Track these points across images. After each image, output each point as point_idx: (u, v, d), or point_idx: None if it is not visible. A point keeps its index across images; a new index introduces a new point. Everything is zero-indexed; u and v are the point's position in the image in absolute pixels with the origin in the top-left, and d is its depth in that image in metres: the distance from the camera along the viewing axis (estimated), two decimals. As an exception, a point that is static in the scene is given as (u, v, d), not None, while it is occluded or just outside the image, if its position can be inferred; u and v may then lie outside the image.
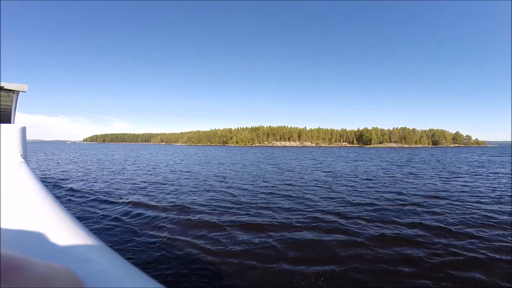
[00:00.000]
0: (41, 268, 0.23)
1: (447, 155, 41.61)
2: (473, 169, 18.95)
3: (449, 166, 21.46)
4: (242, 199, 8.25)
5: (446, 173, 16.02)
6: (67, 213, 0.53)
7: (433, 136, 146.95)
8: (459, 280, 3.69)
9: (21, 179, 0.77)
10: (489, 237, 5.16)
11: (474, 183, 12.09)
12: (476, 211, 6.94)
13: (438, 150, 79.08)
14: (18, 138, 1.21)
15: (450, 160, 28.94)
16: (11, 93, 6.03)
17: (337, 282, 3.65)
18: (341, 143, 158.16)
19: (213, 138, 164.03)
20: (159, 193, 9.19)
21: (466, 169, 18.56)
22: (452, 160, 29.89)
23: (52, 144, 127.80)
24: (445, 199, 8.43)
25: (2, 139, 1.17)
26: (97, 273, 0.32)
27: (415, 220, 6.14)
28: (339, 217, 6.42)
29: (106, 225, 5.80)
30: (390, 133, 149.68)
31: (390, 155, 41.16)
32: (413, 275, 3.81)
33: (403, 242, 4.89)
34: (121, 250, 4.44)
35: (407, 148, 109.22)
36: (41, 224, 0.45)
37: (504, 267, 4.01)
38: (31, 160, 20.75)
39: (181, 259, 4.21)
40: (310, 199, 8.31)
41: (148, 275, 0.33)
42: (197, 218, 6.22)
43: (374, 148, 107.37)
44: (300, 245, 4.77)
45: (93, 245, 0.39)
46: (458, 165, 22.01)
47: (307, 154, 43.90)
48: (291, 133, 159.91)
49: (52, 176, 13.72)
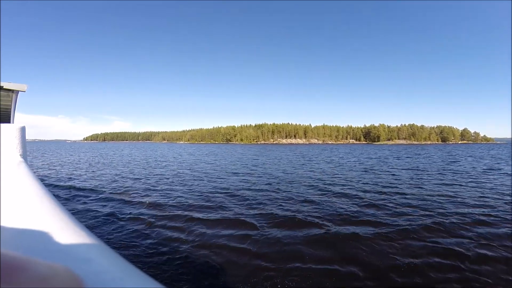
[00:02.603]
0: (41, 268, 0.23)
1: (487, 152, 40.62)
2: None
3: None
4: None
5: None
6: (67, 213, 0.53)
7: (442, 132, 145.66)
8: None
9: (20, 179, 0.78)
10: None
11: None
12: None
13: (454, 146, 78.22)
14: (17, 138, 1.22)
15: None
16: (10, 93, 6.08)
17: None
18: (348, 140, 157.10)
19: (217, 136, 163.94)
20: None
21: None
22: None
23: (53, 144, 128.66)
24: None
25: (2, 139, 1.18)
26: (97, 273, 0.32)
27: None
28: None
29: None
30: (398, 130, 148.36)
31: (430, 152, 40.54)
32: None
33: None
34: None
35: (418, 144, 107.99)
36: (41, 224, 0.45)
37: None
38: (62, 165, 19.87)
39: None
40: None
41: (148, 275, 0.34)
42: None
43: (386, 145, 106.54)
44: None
45: (93, 245, 0.40)
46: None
47: (334, 152, 42.93)
48: (296, 130, 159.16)
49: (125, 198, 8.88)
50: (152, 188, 10.37)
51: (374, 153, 37.97)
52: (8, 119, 7.62)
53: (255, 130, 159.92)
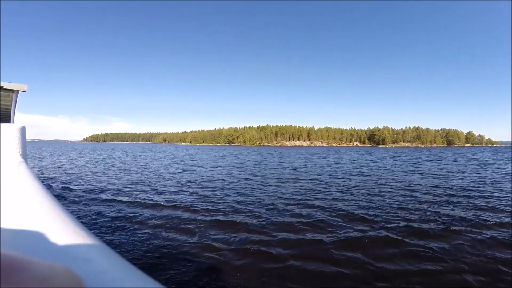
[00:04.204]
0: (41, 268, 0.24)
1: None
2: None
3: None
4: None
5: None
6: (67, 213, 0.53)
7: (447, 135, 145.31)
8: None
9: (20, 179, 0.79)
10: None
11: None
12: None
13: (466, 149, 78.66)
14: (17, 138, 1.23)
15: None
16: (10, 93, 6.14)
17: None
18: (352, 142, 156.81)
19: (219, 138, 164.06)
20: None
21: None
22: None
23: (53, 144, 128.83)
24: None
25: (2, 139, 1.19)
26: (97, 273, 0.32)
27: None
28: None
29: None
30: (403, 133, 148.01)
31: (449, 155, 41.31)
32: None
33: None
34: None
35: (425, 148, 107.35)
36: (41, 224, 0.45)
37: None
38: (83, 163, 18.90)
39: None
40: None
41: (148, 275, 0.34)
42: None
43: (392, 148, 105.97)
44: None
45: (93, 245, 0.40)
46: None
47: (357, 155, 41.94)
48: (300, 133, 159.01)
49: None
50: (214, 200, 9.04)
51: (409, 156, 38.68)
52: (8, 119, 7.68)
53: (258, 132, 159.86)
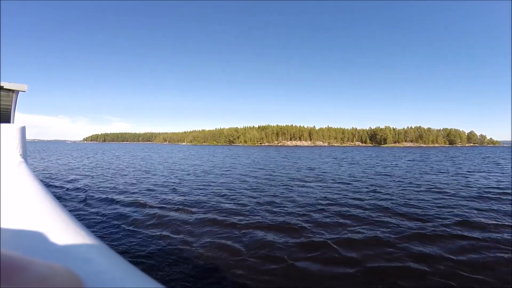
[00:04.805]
0: (41, 268, 0.24)
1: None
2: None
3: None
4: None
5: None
6: (67, 213, 0.54)
7: (449, 135, 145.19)
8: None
9: (20, 179, 0.79)
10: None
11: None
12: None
13: (469, 149, 78.45)
14: (17, 138, 1.23)
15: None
16: (10, 93, 6.16)
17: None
18: (354, 142, 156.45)
19: (219, 138, 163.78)
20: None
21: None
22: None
23: (54, 144, 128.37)
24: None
25: (2, 139, 1.19)
26: (97, 273, 0.32)
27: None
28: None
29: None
30: (405, 132, 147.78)
31: (457, 155, 41.57)
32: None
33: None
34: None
35: (428, 147, 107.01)
36: (41, 224, 0.46)
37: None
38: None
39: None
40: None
41: (148, 275, 0.34)
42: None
43: (395, 147, 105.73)
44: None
45: (93, 245, 0.40)
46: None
47: (365, 155, 40.61)
48: (301, 132, 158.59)
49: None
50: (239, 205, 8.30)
51: (417, 156, 38.64)
52: (8, 119, 7.70)
53: (259, 132, 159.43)
